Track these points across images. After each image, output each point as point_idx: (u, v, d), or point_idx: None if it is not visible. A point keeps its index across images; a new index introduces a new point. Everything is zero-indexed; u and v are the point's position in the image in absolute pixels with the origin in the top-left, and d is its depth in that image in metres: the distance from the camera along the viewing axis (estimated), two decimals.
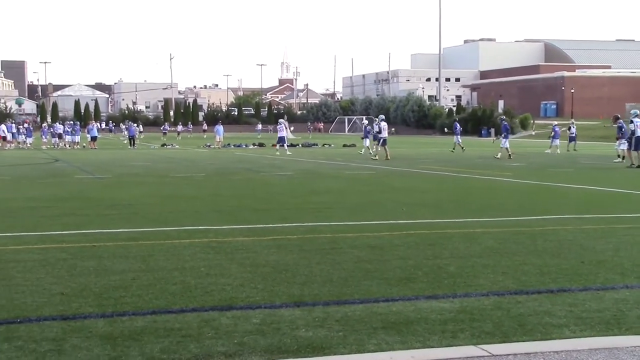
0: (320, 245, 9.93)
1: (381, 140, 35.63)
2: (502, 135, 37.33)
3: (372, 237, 10.69)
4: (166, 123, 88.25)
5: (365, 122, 45.64)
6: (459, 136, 45.61)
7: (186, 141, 69.47)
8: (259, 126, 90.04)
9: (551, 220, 12.53)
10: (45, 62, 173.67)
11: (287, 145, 43.37)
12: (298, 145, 55.15)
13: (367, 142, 40.79)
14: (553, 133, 44.94)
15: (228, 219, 12.68)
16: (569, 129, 47.85)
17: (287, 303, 6.82)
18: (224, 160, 35.56)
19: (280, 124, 44.44)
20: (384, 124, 36.23)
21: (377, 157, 34.44)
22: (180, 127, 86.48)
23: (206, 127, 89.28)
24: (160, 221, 12.43)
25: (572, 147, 45.80)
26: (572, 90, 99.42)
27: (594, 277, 8.00)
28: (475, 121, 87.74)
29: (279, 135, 43.25)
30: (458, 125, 47.10)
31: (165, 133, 78.65)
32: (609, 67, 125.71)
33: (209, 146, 53.94)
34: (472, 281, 7.75)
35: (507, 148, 36.43)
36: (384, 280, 7.80)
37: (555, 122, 52.48)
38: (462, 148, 44.54)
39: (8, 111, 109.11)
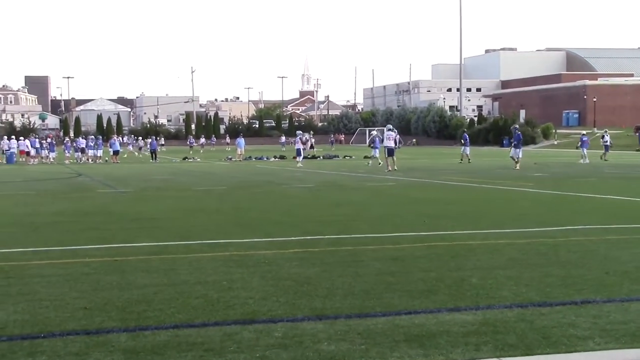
0: (342, 258, 9.92)
1: (386, 150, 34.86)
2: (513, 144, 36.87)
3: (394, 249, 10.68)
4: (190, 136, 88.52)
5: (375, 132, 45.42)
6: (467, 148, 45.15)
7: (208, 154, 69.79)
8: (283, 138, 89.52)
9: (575, 231, 12.44)
10: (68, 77, 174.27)
11: (302, 158, 43.52)
12: (319, 157, 55.19)
13: (377, 152, 40.57)
14: (580, 142, 44.38)
15: (250, 232, 12.69)
16: (602, 137, 47.19)
17: (309, 316, 6.82)
18: (245, 173, 35.67)
19: (297, 137, 45.51)
20: (388, 134, 35.33)
21: (390, 169, 33.83)
22: (203, 140, 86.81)
23: (229, 140, 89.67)
24: (182, 235, 12.48)
25: (606, 156, 44.84)
26: (595, 99, 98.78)
27: (619, 288, 7.93)
28: (497, 131, 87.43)
29: (296, 148, 44.26)
30: (467, 137, 46.65)
31: (192, 146, 79.20)
32: (631, 75, 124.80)
33: (230, 159, 54.15)
34: (495, 293, 7.71)
35: (512, 157, 36.06)
36: (406, 292, 7.78)
37: (584, 132, 52.07)
38: (464, 160, 43.65)
39: (32, 126, 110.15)
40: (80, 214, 16.20)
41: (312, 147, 62.26)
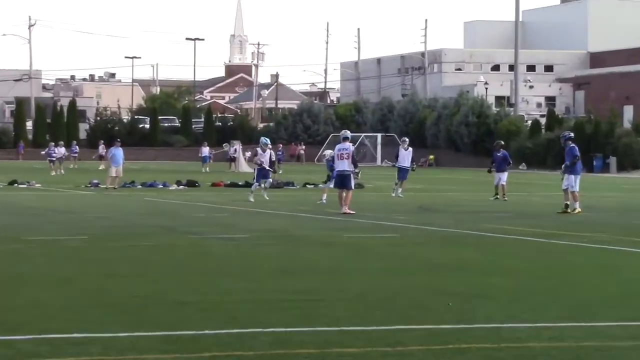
0: None
1: (334, 177, 34.84)
2: (564, 166, 35.05)
3: (392, 354, 10.69)
4: (51, 143, 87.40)
5: (329, 152, 45.30)
6: (504, 173, 43.73)
7: (67, 175, 69.32)
8: (205, 150, 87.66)
9: None
10: None
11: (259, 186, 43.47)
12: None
13: (331, 184, 40.68)
14: None
15: (129, 320, 12.69)
16: None
17: None
18: (125, 210, 35.63)
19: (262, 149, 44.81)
20: (342, 147, 34.92)
21: (346, 210, 33.55)
22: (62, 150, 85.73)
23: (104, 150, 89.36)
24: (3, 324, 12.35)
25: None
26: None
27: None
28: (583, 143, 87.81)
29: (256, 170, 43.55)
30: (507, 155, 44.99)
31: (52, 160, 78.31)
32: None
33: (98, 184, 54.09)
34: None
35: (572, 190, 34.27)
36: None
37: None
38: (496, 195, 42.75)
39: None
40: None
41: (272, 164, 62.40)
